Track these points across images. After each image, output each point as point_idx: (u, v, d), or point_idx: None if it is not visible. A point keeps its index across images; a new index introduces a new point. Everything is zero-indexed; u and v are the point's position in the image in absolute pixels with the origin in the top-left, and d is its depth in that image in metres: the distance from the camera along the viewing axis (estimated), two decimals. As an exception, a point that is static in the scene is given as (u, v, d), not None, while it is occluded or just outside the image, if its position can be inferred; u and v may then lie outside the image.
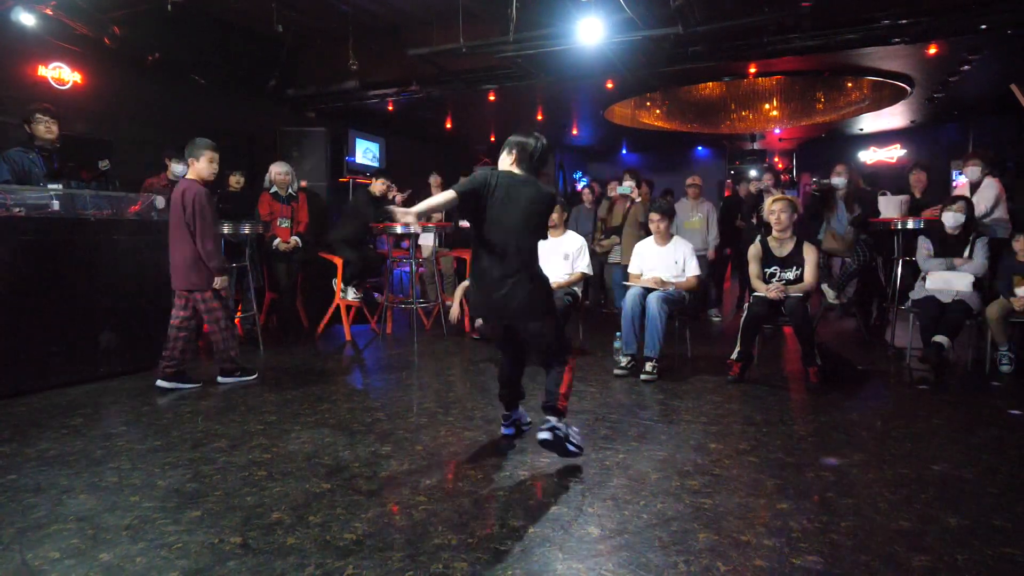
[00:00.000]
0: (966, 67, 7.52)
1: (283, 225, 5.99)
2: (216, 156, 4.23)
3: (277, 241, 5.90)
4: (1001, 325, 4.50)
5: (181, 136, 6.47)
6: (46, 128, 4.60)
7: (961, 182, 5.67)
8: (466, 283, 6.08)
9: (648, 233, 5.15)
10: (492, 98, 8.33)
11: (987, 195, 5.21)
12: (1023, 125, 5.48)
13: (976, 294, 4.62)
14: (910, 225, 5.27)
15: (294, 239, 5.98)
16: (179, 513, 2.35)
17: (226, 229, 5.14)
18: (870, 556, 2.04)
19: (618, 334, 4.84)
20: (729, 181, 10.53)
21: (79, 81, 6.16)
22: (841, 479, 2.67)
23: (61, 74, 6.04)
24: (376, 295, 7.10)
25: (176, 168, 5.53)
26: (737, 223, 7.56)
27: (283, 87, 7.80)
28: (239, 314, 5.89)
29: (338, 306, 6.07)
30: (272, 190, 6.05)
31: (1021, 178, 5.50)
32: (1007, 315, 4.47)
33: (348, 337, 5.98)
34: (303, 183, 6.73)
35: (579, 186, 13.23)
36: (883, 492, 2.56)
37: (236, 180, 6.05)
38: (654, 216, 4.95)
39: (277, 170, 6.08)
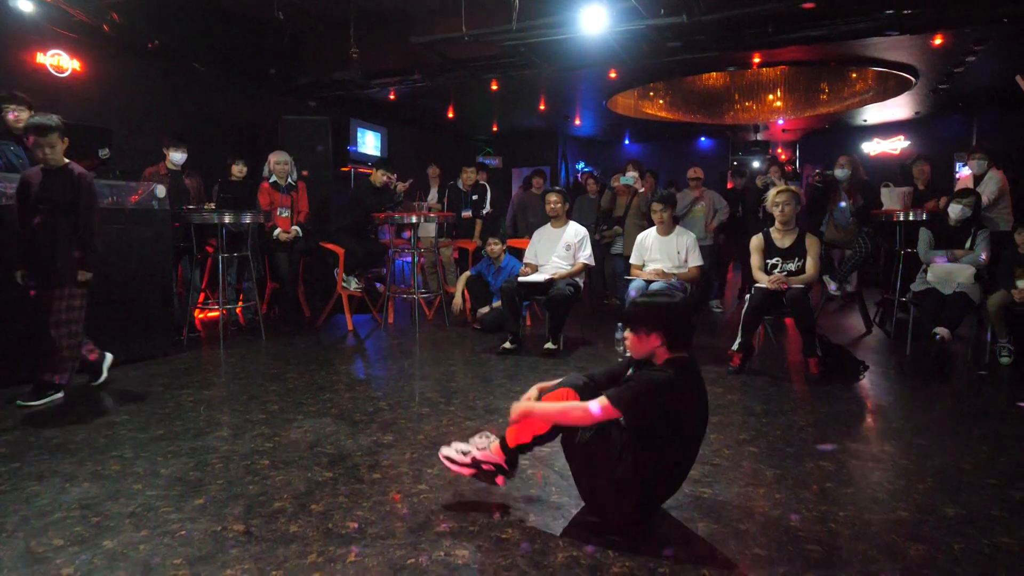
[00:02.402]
0: (971, 58, 7.46)
1: (283, 215, 5.98)
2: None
3: (277, 231, 5.90)
4: (1001, 317, 4.50)
5: (181, 125, 6.51)
6: (15, 118, 4.25)
7: (964, 174, 5.66)
8: (468, 273, 6.15)
9: (651, 224, 5.15)
10: (495, 87, 8.30)
11: (990, 187, 5.20)
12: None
13: (977, 286, 4.62)
14: (912, 217, 5.27)
15: (294, 229, 5.98)
16: (182, 501, 2.37)
17: (227, 218, 5.14)
18: (868, 545, 2.05)
19: (619, 324, 4.85)
20: (730, 172, 10.51)
21: (78, 68, 6.14)
22: (840, 469, 2.69)
23: (60, 61, 6.01)
24: (378, 285, 7.11)
25: (174, 156, 5.52)
26: (736, 213, 7.56)
27: (284, 76, 7.77)
28: (240, 304, 5.91)
29: (340, 296, 6.08)
30: (271, 179, 6.04)
31: (1024, 170, 5.49)
32: (1007, 307, 4.48)
33: (350, 327, 5.99)
34: (304, 172, 6.72)
35: (580, 176, 13.21)
36: (882, 482, 2.57)
37: (239, 169, 6.04)
38: (656, 206, 4.95)
39: (276, 159, 6.07)
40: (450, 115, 10.44)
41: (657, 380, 2.03)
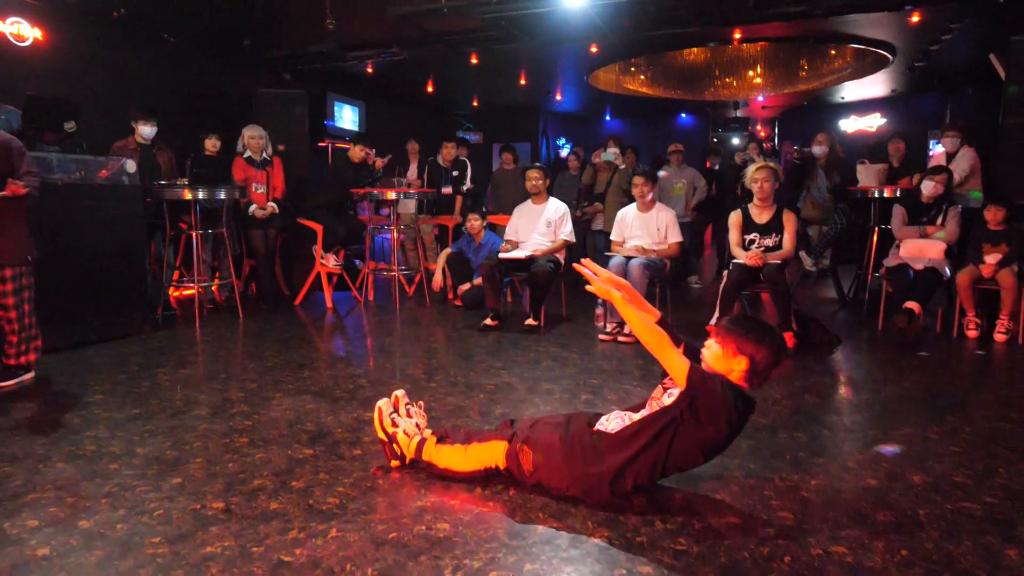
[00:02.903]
0: (948, 36, 7.52)
1: (259, 191, 5.89)
2: None
3: (253, 207, 5.81)
4: (970, 292, 4.61)
5: (151, 97, 6.34)
6: None
7: (938, 151, 5.74)
8: (449, 250, 6.12)
9: (631, 200, 5.16)
10: (475, 61, 8.19)
11: (962, 165, 5.29)
12: (1001, 96, 5.54)
13: (947, 262, 4.71)
14: (886, 194, 5.34)
15: (270, 205, 5.88)
16: (160, 480, 2.35)
17: (201, 194, 5.04)
18: (838, 512, 2.11)
19: (600, 301, 4.88)
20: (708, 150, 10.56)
21: (40, 38, 5.91)
22: (812, 440, 2.75)
23: (20, 30, 5.78)
24: (357, 262, 7.06)
25: (144, 130, 5.38)
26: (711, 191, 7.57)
27: (258, 47, 7.58)
28: (216, 281, 5.84)
29: (318, 273, 6.03)
30: (246, 155, 5.92)
31: (996, 149, 5.57)
32: (975, 282, 4.58)
33: (329, 304, 5.95)
34: (280, 147, 6.60)
35: (563, 153, 13.15)
36: (852, 452, 2.64)
37: (212, 144, 5.91)
38: (637, 180, 4.94)
39: (250, 134, 5.94)
40: (429, 89, 10.30)
41: (732, 402, 1.99)
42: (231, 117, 7.14)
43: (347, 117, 10.02)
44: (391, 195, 5.95)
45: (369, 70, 8.72)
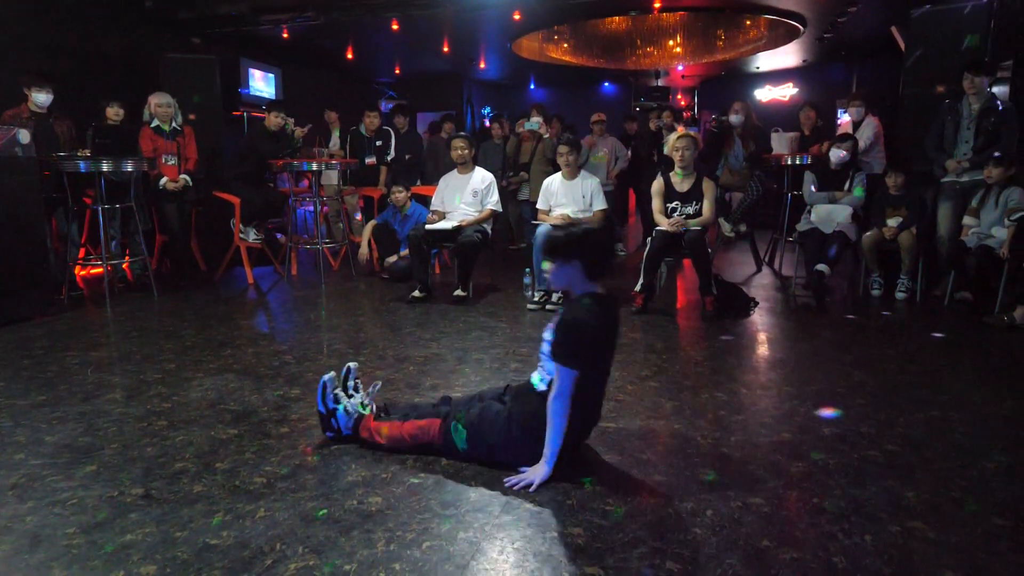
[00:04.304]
0: (853, 8, 7.86)
1: (169, 163, 5.56)
2: None
3: (164, 180, 5.48)
4: (873, 253, 4.92)
5: (45, 62, 5.83)
6: None
7: (845, 120, 6.03)
8: (374, 221, 5.99)
9: (556, 169, 5.18)
10: (395, 27, 7.94)
11: (867, 133, 5.59)
12: (902, 67, 5.89)
13: (854, 225, 5.00)
14: (798, 161, 5.59)
15: (183, 178, 5.57)
16: (72, 469, 2.23)
17: (106, 166, 4.72)
18: (756, 466, 2.24)
19: (527, 270, 4.92)
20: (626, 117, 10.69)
21: (-88, -6, 5.34)
22: (732, 399, 2.89)
23: None
24: (279, 236, 6.81)
25: (38, 97, 4.97)
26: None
27: (164, 8, 7.07)
28: (127, 259, 5.51)
29: (238, 248, 5.78)
30: (153, 124, 5.56)
31: (898, 117, 5.91)
32: (879, 244, 4.89)
33: (250, 280, 5.73)
34: (191, 116, 6.23)
35: (487, 122, 13.03)
36: (768, 408, 2.79)
37: (115, 112, 5.51)
38: (562, 149, 4.96)
39: (157, 101, 5.57)
40: (349, 56, 9.94)
41: (585, 319, 2.06)
42: (135, 83, 6.66)
43: (263, 84, 9.54)
44: (312, 166, 5.75)
45: (285, 35, 8.31)
